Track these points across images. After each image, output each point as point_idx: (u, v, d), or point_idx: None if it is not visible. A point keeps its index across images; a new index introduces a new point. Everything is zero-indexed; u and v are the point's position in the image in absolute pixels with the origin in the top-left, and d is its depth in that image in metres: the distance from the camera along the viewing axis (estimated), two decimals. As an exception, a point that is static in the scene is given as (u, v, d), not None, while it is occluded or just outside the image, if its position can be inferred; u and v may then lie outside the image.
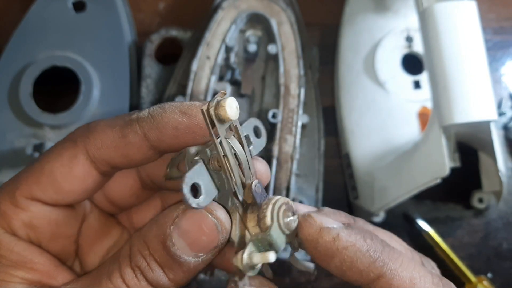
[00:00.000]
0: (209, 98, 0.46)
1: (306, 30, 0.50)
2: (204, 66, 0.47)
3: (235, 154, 0.22)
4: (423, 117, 0.49)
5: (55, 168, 0.23)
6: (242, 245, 0.22)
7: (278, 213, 0.22)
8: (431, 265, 0.26)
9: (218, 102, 0.20)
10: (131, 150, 0.22)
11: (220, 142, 0.21)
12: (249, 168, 0.22)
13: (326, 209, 0.24)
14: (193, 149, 0.23)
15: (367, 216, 0.48)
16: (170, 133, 0.22)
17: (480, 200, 0.50)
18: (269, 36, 0.49)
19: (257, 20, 0.49)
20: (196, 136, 0.22)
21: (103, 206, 0.27)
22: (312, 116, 0.49)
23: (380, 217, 0.48)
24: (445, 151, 0.40)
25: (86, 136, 0.23)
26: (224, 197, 0.23)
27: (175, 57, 0.52)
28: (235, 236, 0.23)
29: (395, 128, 0.49)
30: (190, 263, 0.22)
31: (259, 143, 0.23)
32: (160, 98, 0.49)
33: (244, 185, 0.22)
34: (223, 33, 0.47)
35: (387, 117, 0.50)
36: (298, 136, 0.45)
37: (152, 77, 0.51)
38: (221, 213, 0.22)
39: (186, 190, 0.20)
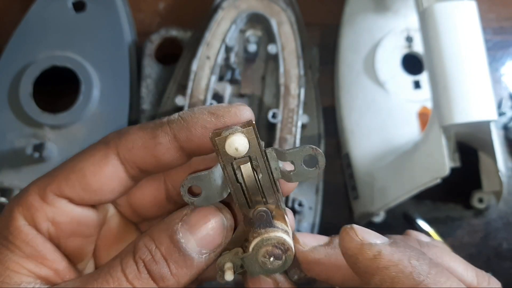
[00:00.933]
0: (209, 98, 0.46)
1: (306, 30, 0.50)
2: (204, 66, 0.47)
3: (243, 179, 0.23)
4: (423, 117, 0.49)
5: (85, 166, 0.23)
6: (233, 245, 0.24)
7: (260, 247, 0.23)
8: (489, 281, 0.25)
9: (221, 138, 0.22)
10: (161, 151, 0.23)
11: (226, 167, 0.22)
12: (254, 194, 0.23)
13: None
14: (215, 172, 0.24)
15: (367, 216, 0.48)
16: (199, 132, 0.23)
17: (480, 200, 0.50)
18: (269, 36, 0.49)
19: (257, 20, 0.49)
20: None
21: (126, 212, 0.28)
22: (312, 116, 0.49)
23: (380, 217, 0.48)
24: (445, 151, 0.40)
25: (118, 138, 0.24)
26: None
27: (175, 57, 0.52)
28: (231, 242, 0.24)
29: (395, 128, 0.49)
30: (194, 259, 0.23)
31: (305, 172, 0.23)
32: (160, 98, 0.49)
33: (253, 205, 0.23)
34: (223, 33, 0.47)
35: (387, 117, 0.50)
36: (298, 136, 0.45)
37: (152, 77, 0.51)
38: (227, 212, 0.24)
39: (183, 191, 0.22)
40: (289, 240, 0.23)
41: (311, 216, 0.47)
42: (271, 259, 0.23)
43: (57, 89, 0.51)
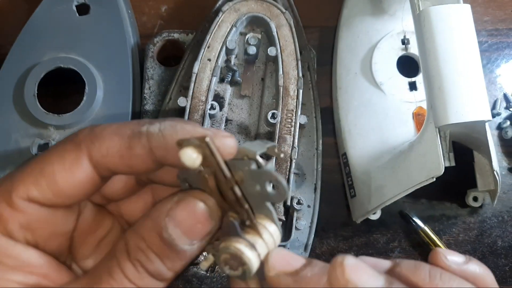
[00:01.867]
0: (210, 99, 0.47)
1: (305, 32, 0.51)
2: (205, 68, 0.47)
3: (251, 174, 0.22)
4: (419, 118, 0.50)
5: (56, 171, 0.22)
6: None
7: (221, 254, 0.22)
8: None
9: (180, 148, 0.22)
10: (136, 162, 0.23)
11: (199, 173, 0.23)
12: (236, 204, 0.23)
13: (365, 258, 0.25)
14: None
15: (364, 214, 0.49)
16: (176, 154, 0.22)
17: (475, 199, 0.51)
18: (268, 39, 0.50)
19: (257, 23, 0.50)
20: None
21: (95, 199, 0.27)
22: (310, 116, 0.50)
23: (376, 215, 0.49)
24: (440, 151, 0.41)
25: (91, 141, 0.23)
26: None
27: (177, 59, 0.53)
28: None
29: (391, 128, 0.50)
30: (187, 251, 0.23)
31: (279, 194, 0.23)
32: (162, 99, 0.50)
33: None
34: (223, 35, 0.48)
35: (383, 118, 0.51)
36: (296, 136, 0.46)
37: (154, 78, 0.52)
38: (211, 202, 0.23)
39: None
40: (248, 254, 0.22)
41: (310, 214, 0.48)
42: (227, 267, 0.23)
43: (61, 90, 0.52)
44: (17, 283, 0.23)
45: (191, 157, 0.21)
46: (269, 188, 0.22)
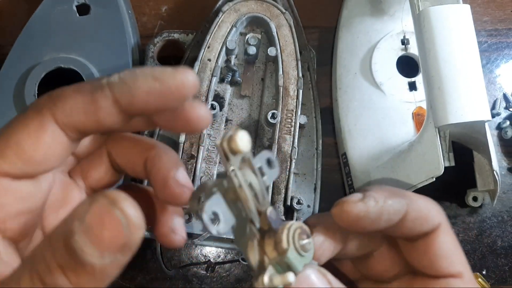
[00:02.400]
0: (210, 99, 0.47)
1: (304, 33, 0.51)
2: (206, 68, 0.48)
3: (250, 184, 0.23)
4: (418, 118, 0.50)
5: (21, 139, 0.22)
6: (262, 269, 0.23)
7: (293, 236, 0.23)
8: None
9: (230, 136, 0.22)
10: (102, 115, 0.22)
11: (235, 174, 0.22)
12: (264, 196, 0.23)
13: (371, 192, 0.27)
14: (210, 182, 0.23)
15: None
16: (142, 98, 0.22)
17: (475, 199, 0.51)
18: (268, 39, 0.50)
19: (257, 23, 0.50)
20: (167, 101, 0.22)
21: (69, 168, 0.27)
22: (310, 116, 0.50)
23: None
24: (440, 151, 0.41)
25: (52, 103, 0.22)
26: (241, 226, 0.23)
27: (177, 59, 0.53)
28: (255, 262, 0.23)
29: (391, 128, 0.50)
30: (95, 265, 0.18)
31: (272, 173, 0.25)
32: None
33: (260, 213, 0.23)
34: (223, 36, 0.48)
35: (383, 118, 0.51)
36: (296, 136, 0.46)
37: (154, 78, 0.52)
38: (128, 206, 0.18)
39: (206, 218, 0.21)
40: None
41: (309, 214, 0.48)
42: (305, 239, 0.24)
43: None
44: None
45: (246, 140, 0.22)
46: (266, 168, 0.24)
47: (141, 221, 0.18)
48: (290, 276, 0.22)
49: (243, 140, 0.22)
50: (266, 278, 0.22)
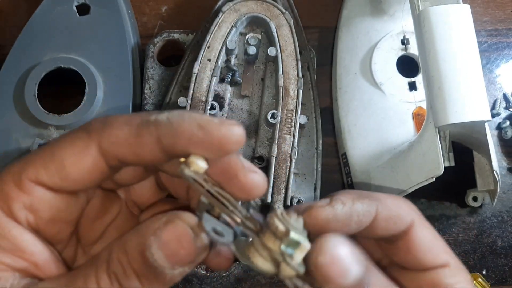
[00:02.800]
0: (210, 99, 0.47)
1: (304, 33, 0.51)
2: (206, 68, 0.48)
3: (222, 195, 0.23)
4: (419, 118, 0.50)
5: (65, 156, 0.23)
6: (277, 263, 0.23)
7: (284, 218, 0.23)
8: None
9: (189, 162, 0.23)
10: (143, 150, 0.23)
11: (210, 193, 0.23)
12: (235, 202, 0.24)
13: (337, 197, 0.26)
14: (205, 199, 0.24)
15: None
16: (183, 142, 0.22)
17: (475, 199, 0.51)
18: (268, 39, 0.50)
19: (256, 23, 0.50)
20: (208, 152, 0.23)
21: (106, 185, 0.28)
22: (310, 116, 0.50)
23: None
24: (440, 151, 0.41)
25: (102, 129, 0.23)
26: (237, 241, 0.24)
27: (177, 59, 0.53)
28: (267, 266, 0.23)
29: (391, 128, 0.50)
30: (166, 275, 0.22)
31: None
32: (162, 99, 0.50)
33: (244, 220, 0.24)
34: (223, 36, 0.48)
35: (383, 118, 0.51)
36: (296, 136, 0.46)
37: (154, 78, 0.52)
38: (203, 233, 0.22)
39: (214, 235, 0.22)
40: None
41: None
42: (294, 215, 0.24)
43: (61, 90, 0.52)
44: (5, 265, 0.23)
45: (198, 162, 0.23)
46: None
47: (207, 245, 0.22)
48: (306, 244, 0.22)
49: (200, 161, 0.22)
50: (291, 262, 0.22)
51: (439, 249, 0.27)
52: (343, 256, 0.21)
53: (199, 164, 0.23)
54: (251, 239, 0.24)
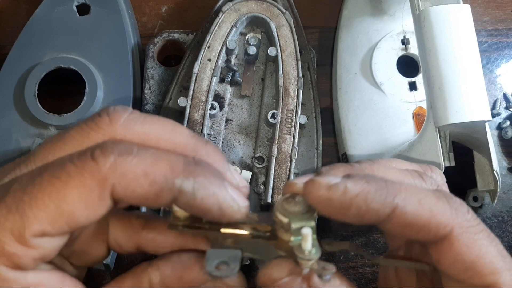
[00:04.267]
0: (210, 99, 0.47)
1: (305, 33, 0.51)
2: (206, 68, 0.48)
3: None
4: (419, 118, 0.50)
5: (76, 211, 0.21)
6: (292, 253, 0.23)
7: (284, 209, 0.23)
8: (431, 175, 0.28)
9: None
10: (154, 206, 0.23)
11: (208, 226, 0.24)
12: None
13: (323, 168, 0.25)
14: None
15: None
16: (195, 213, 0.23)
17: (475, 199, 0.51)
18: (268, 39, 0.50)
19: (257, 23, 0.50)
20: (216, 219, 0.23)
21: None
22: (310, 116, 0.50)
23: (377, 215, 0.49)
24: (440, 151, 0.41)
25: (118, 180, 0.21)
26: (262, 250, 0.24)
27: (177, 59, 0.53)
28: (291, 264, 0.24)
29: (391, 128, 0.50)
30: None
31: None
32: (162, 99, 0.50)
33: (255, 229, 0.24)
34: (223, 36, 0.48)
35: (383, 118, 0.51)
36: (296, 136, 0.46)
37: (154, 78, 0.52)
38: (240, 282, 0.25)
39: (216, 273, 0.23)
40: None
41: (310, 214, 0.48)
42: (292, 200, 0.23)
43: (61, 90, 0.52)
44: None
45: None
46: None
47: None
48: (311, 224, 0.23)
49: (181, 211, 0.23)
50: (306, 248, 0.22)
51: (484, 265, 0.23)
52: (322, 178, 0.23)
53: (184, 213, 0.24)
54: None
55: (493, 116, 0.55)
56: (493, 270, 0.23)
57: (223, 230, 0.24)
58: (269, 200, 0.45)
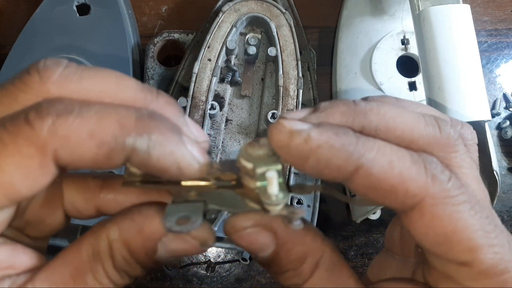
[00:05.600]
0: (210, 99, 0.47)
1: (305, 32, 0.51)
2: (206, 68, 0.48)
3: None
4: (419, 118, 0.50)
5: (16, 182, 0.19)
6: (257, 199, 0.22)
7: (248, 152, 0.21)
8: (455, 128, 0.23)
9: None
10: (106, 168, 0.20)
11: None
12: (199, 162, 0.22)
13: (322, 104, 0.23)
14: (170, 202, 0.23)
15: (364, 213, 0.49)
16: (151, 172, 0.21)
17: (475, 199, 0.51)
18: (268, 39, 0.50)
19: (257, 23, 0.50)
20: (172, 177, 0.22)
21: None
22: (310, 116, 0.50)
23: (376, 214, 0.49)
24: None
25: (60, 144, 0.19)
26: (229, 201, 0.23)
27: (177, 59, 0.53)
28: (252, 204, 0.22)
29: (391, 128, 0.50)
30: (163, 260, 0.23)
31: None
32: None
33: (219, 178, 0.22)
34: (223, 36, 0.48)
35: (383, 118, 0.51)
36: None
37: (154, 78, 0.52)
38: (204, 233, 0.22)
39: (176, 228, 0.21)
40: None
41: (309, 214, 0.48)
42: (256, 145, 0.21)
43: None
44: None
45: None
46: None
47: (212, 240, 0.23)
48: (273, 170, 0.21)
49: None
50: (271, 194, 0.21)
51: (460, 243, 0.20)
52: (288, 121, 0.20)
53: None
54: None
55: (493, 116, 0.55)
56: (471, 247, 0.20)
57: (183, 183, 0.22)
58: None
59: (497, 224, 0.21)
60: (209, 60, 0.48)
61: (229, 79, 0.49)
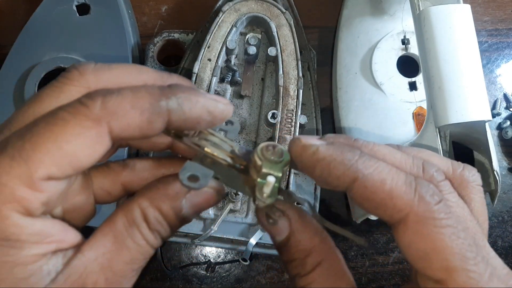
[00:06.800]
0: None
1: (305, 32, 0.51)
2: (206, 68, 0.48)
3: (214, 143, 0.27)
4: (419, 118, 0.50)
5: (78, 151, 0.22)
6: (253, 191, 0.26)
7: (262, 153, 0.26)
8: (441, 176, 0.26)
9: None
10: (153, 133, 0.24)
11: (195, 143, 0.27)
12: (226, 142, 0.27)
13: (327, 135, 0.27)
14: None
15: (364, 214, 0.49)
16: (191, 125, 0.25)
17: (475, 199, 0.51)
18: (268, 39, 0.50)
19: (257, 23, 0.50)
20: (209, 127, 0.26)
21: None
22: (310, 116, 0.50)
23: (377, 215, 0.49)
24: (440, 151, 0.41)
25: (111, 117, 0.23)
26: (232, 179, 0.27)
27: (177, 59, 0.53)
28: (246, 191, 0.27)
29: (391, 128, 0.50)
30: (189, 219, 0.27)
31: (234, 129, 0.30)
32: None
33: (233, 158, 0.27)
34: (223, 35, 0.48)
35: (383, 118, 0.51)
36: (296, 136, 0.46)
37: (154, 78, 0.52)
38: (215, 184, 0.27)
39: (185, 181, 0.25)
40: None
41: (309, 214, 0.48)
42: (271, 149, 0.26)
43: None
44: (38, 256, 0.23)
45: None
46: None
47: (224, 191, 0.28)
48: (270, 179, 0.26)
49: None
50: (258, 194, 0.26)
51: (436, 259, 0.22)
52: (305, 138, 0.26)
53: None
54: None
55: (493, 116, 0.55)
56: (446, 267, 0.22)
57: (206, 149, 0.26)
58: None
59: (483, 256, 0.23)
60: (209, 60, 0.48)
61: (229, 79, 0.49)
